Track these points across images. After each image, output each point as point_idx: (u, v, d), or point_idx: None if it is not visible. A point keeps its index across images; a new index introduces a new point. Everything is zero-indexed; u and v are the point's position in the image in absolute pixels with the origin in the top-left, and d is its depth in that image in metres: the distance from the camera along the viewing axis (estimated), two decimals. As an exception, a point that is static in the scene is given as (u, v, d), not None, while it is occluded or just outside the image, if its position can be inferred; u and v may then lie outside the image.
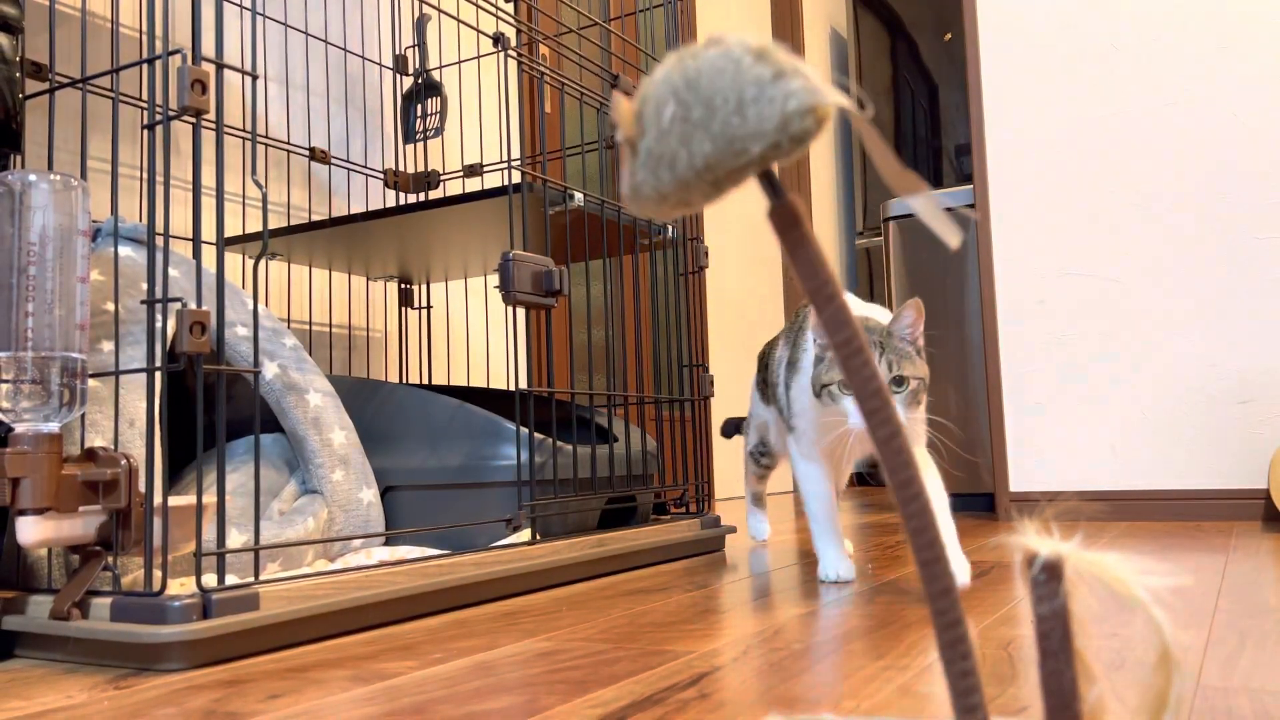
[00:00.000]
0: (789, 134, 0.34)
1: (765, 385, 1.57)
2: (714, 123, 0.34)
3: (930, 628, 0.93)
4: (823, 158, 4.29)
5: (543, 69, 1.45)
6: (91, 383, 1.06)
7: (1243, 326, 1.94)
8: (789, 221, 0.36)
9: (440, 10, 1.50)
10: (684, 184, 0.36)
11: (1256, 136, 1.95)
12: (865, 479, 4.19)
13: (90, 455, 0.92)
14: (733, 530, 1.74)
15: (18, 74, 1.03)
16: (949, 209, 2.42)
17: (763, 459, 1.75)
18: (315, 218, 1.86)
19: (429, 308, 1.99)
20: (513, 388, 2.14)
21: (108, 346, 1.09)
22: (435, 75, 2.01)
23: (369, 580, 1.03)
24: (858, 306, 1.28)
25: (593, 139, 2.39)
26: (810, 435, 1.28)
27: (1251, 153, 1.95)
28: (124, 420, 1.05)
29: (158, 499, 0.91)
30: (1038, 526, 0.36)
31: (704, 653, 0.86)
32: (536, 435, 1.40)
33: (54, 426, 0.89)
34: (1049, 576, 0.35)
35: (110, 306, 1.11)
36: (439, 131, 1.84)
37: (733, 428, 1.98)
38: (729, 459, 3.39)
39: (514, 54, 1.41)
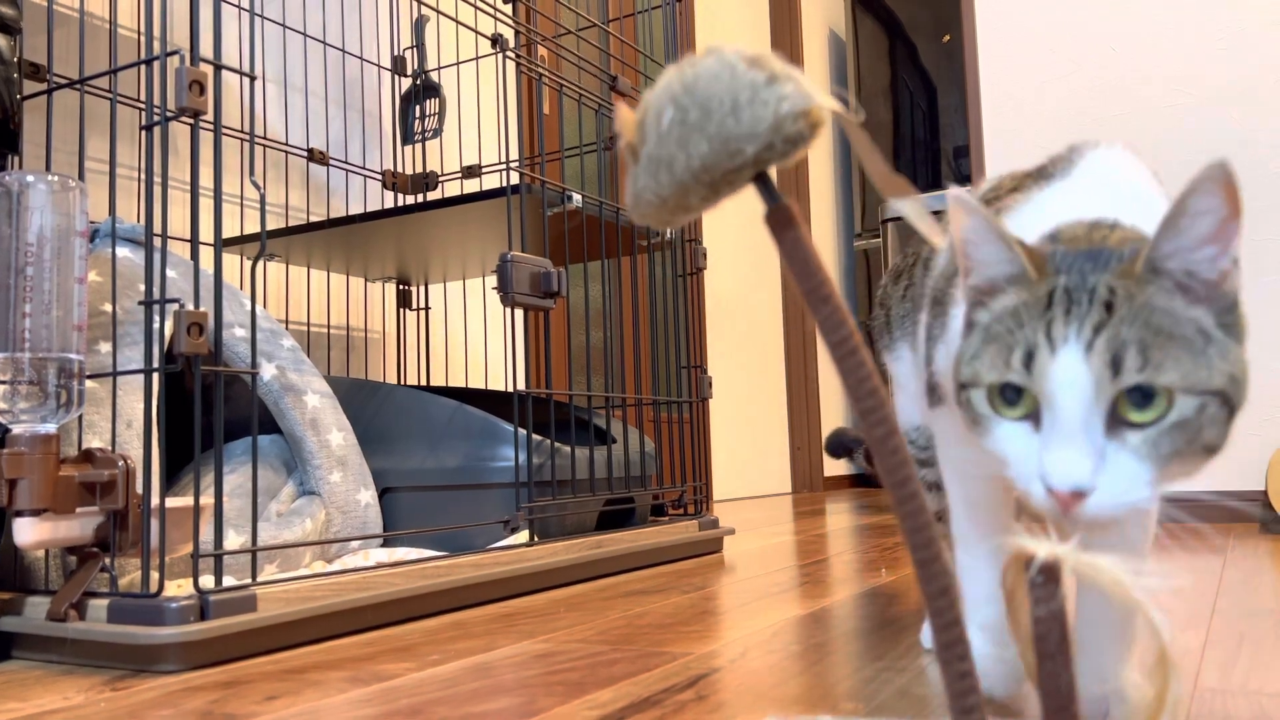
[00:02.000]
0: (782, 135, 0.35)
1: (886, 316, 0.86)
2: (710, 125, 0.35)
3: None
4: (821, 159, 4.30)
5: (541, 70, 1.45)
6: (89, 384, 1.05)
7: (1241, 328, 1.94)
8: (784, 224, 0.37)
9: (439, 11, 1.50)
10: (682, 187, 0.37)
11: (1255, 137, 1.95)
12: (867, 480, 4.19)
13: (87, 456, 0.92)
14: (731, 532, 1.74)
15: (16, 74, 1.03)
16: (936, 212, 2.43)
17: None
18: (313, 219, 1.86)
19: (427, 309, 1.99)
20: (511, 389, 2.14)
21: (105, 347, 1.09)
22: (434, 76, 2.01)
23: (367, 582, 1.03)
24: (1100, 187, 0.60)
25: (591, 140, 2.39)
26: (957, 431, 0.68)
27: (1250, 154, 1.95)
28: (121, 421, 1.05)
29: (155, 500, 0.91)
30: (1035, 528, 0.36)
31: (702, 654, 0.86)
32: (535, 436, 1.39)
33: (51, 427, 0.89)
34: (1046, 578, 0.35)
35: (108, 307, 1.11)
36: (437, 133, 1.84)
37: (842, 445, 1.33)
38: (727, 460, 3.39)
39: (512, 55, 1.41)
